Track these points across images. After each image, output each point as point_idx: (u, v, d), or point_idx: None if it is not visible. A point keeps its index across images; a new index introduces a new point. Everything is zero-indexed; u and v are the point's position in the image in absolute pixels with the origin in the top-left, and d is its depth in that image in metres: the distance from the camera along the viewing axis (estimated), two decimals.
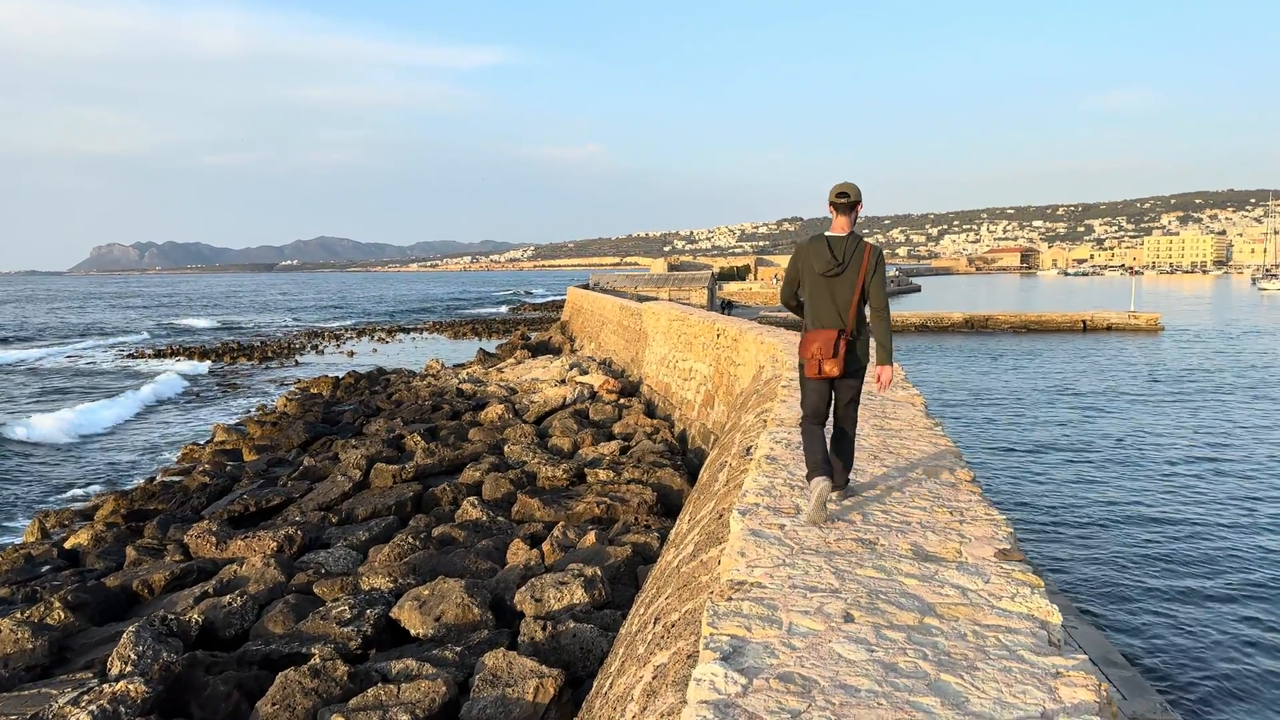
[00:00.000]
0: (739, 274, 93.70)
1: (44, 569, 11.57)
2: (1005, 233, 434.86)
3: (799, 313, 5.18)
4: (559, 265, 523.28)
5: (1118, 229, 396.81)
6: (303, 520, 12.46)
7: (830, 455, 4.87)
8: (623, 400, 21.36)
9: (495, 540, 11.02)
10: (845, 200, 4.83)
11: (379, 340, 57.52)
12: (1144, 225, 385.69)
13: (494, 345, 46.82)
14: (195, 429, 24.90)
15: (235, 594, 8.98)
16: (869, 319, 4.98)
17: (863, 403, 6.75)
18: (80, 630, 9.13)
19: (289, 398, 26.43)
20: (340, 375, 31.03)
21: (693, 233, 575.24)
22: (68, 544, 12.52)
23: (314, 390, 28.52)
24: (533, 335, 48.97)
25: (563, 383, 23.89)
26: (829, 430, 5.06)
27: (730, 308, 54.37)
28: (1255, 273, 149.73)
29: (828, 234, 4.91)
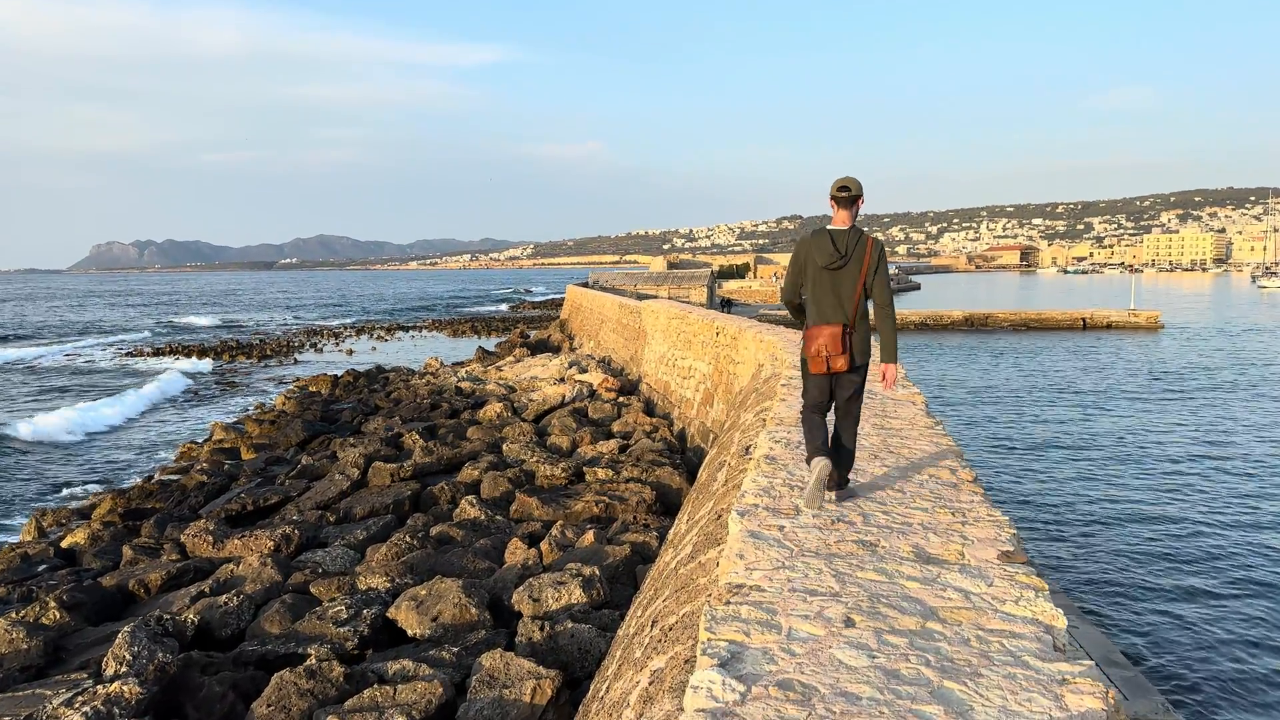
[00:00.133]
0: (738, 272, 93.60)
1: (40, 568, 11.51)
2: (1005, 231, 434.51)
3: (798, 314, 5.13)
4: (558, 263, 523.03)
5: (1117, 227, 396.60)
6: (300, 519, 12.40)
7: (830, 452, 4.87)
8: (622, 398, 21.30)
9: (493, 539, 10.95)
10: (846, 194, 4.86)
11: (378, 338, 57.45)
12: (1144, 223, 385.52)
13: (493, 343, 46.74)
14: (194, 427, 24.84)
15: (231, 594, 8.92)
16: (873, 316, 4.97)
17: (864, 402, 6.71)
18: (76, 630, 9.08)
19: (287, 396, 26.37)
20: (339, 374, 30.96)
21: (692, 231, 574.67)
22: (64, 543, 12.47)
23: (312, 389, 28.45)
24: (532, 333, 48.90)
25: (562, 381, 23.83)
26: (829, 428, 5.06)
27: (729, 306, 54.32)
28: (1255, 270, 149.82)
29: (830, 227, 4.92)
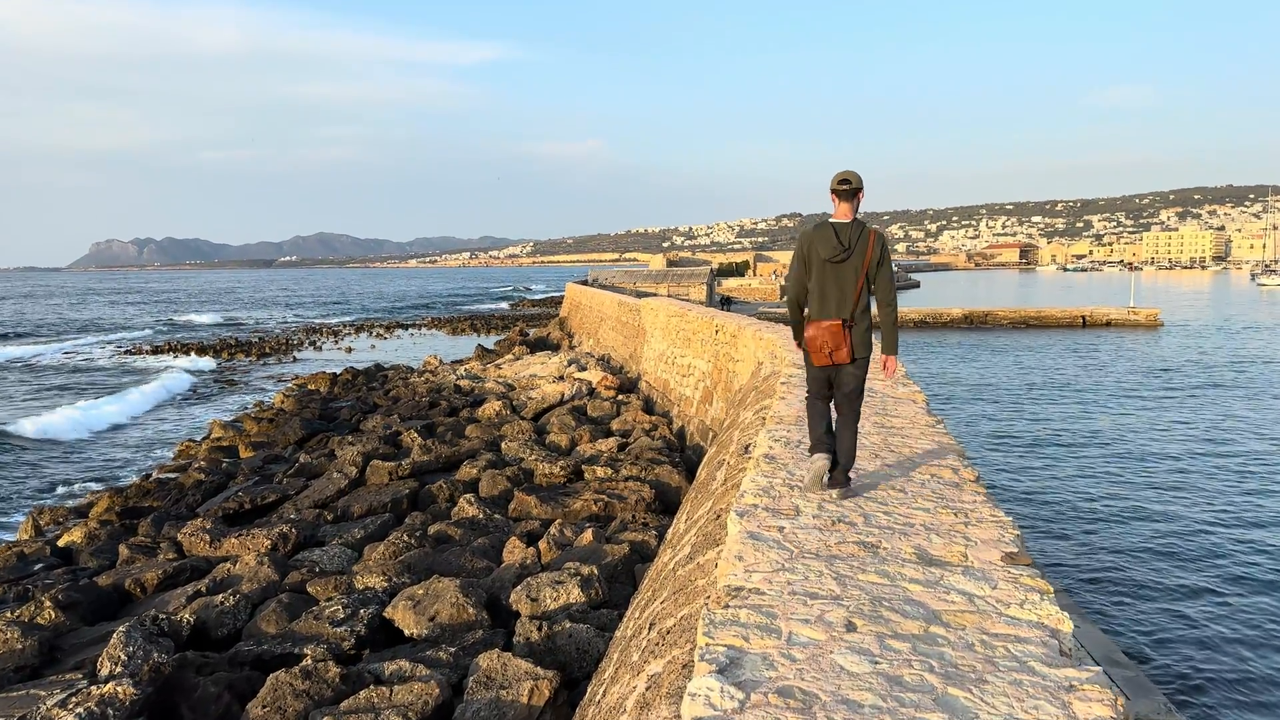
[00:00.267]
0: (738, 270, 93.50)
1: (36, 567, 11.46)
2: (1004, 228, 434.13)
3: (800, 311, 5.06)
4: (558, 261, 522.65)
5: (1117, 225, 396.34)
6: (298, 518, 12.33)
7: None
8: (621, 397, 21.24)
9: (491, 538, 10.89)
10: (847, 187, 4.85)
11: (377, 336, 57.38)
12: (1143, 221, 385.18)
13: (492, 341, 46.66)
14: (192, 426, 24.78)
15: (228, 593, 8.85)
16: (877, 309, 4.96)
17: (865, 400, 6.67)
18: (71, 630, 9.02)
19: (286, 394, 26.29)
20: (338, 372, 30.89)
21: (692, 228, 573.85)
22: (61, 541, 12.41)
23: (311, 387, 28.38)
24: (531, 331, 48.82)
25: (561, 379, 23.77)
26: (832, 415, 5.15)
27: (729, 304, 54.27)
28: (1254, 268, 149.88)
29: (832, 220, 4.89)
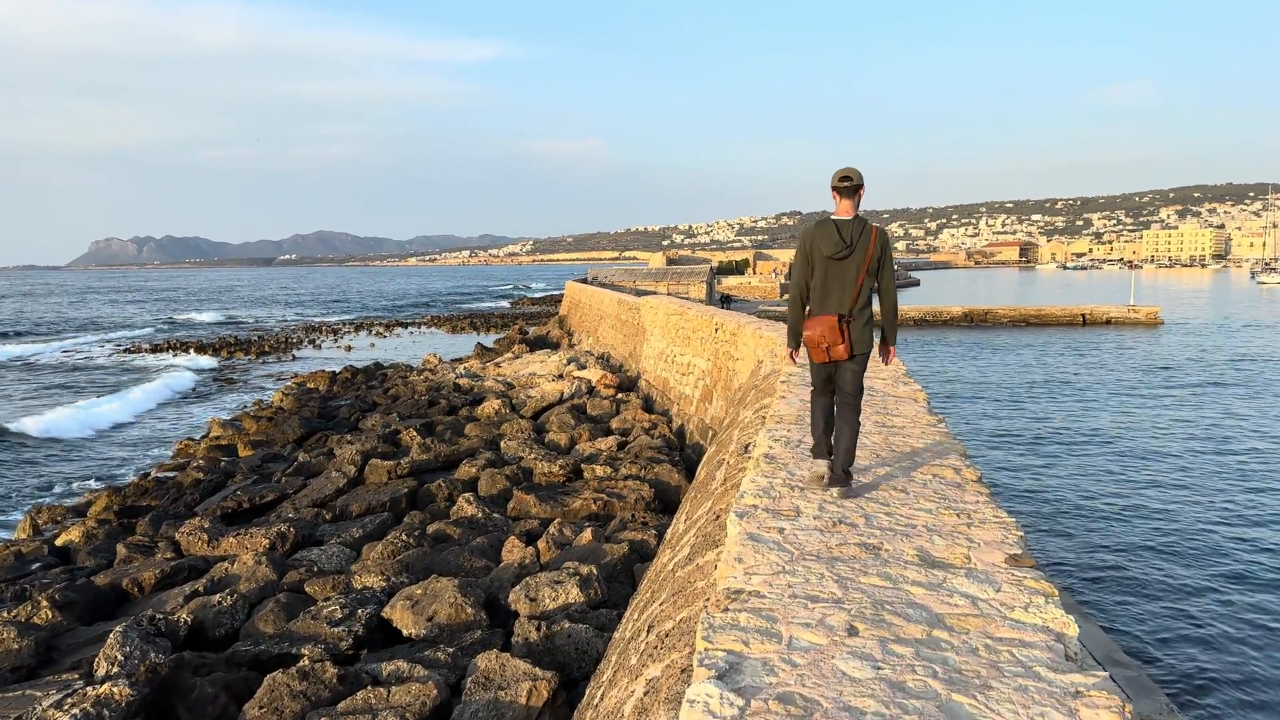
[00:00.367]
0: (738, 268, 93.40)
1: (34, 566, 11.41)
2: (1004, 227, 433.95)
3: (802, 308, 5.03)
4: (558, 259, 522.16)
5: (1116, 223, 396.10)
6: (296, 517, 12.29)
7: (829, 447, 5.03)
8: (620, 395, 21.19)
9: (490, 538, 10.84)
10: (848, 184, 4.84)
11: (376, 335, 57.33)
12: (1143, 219, 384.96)
13: (492, 340, 46.60)
14: (191, 424, 24.74)
15: (225, 593, 8.80)
16: (880, 304, 4.96)
17: (865, 399, 6.65)
18: (68, 630, 8.97)
19: (285, 393, 26.23)
20: (337, 370, 30.82)
21: (691, 227, 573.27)
22: (59, 541, 12.35)
23: (310, 385, 28.31)
24: (530, 330, 48.77)
25: (560, 378, 23.72)
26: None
27: (729, 302, 54.22)
28: (1254, 266, 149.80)
29: (834, 217, 4.88)
